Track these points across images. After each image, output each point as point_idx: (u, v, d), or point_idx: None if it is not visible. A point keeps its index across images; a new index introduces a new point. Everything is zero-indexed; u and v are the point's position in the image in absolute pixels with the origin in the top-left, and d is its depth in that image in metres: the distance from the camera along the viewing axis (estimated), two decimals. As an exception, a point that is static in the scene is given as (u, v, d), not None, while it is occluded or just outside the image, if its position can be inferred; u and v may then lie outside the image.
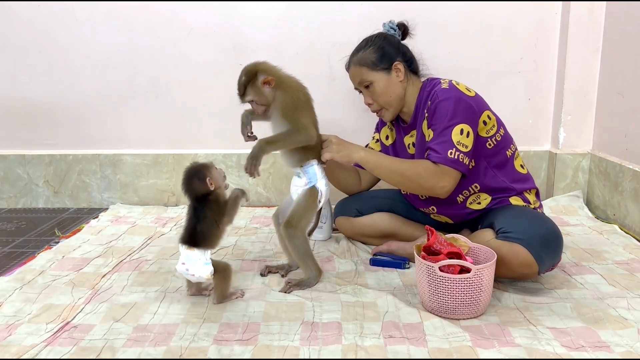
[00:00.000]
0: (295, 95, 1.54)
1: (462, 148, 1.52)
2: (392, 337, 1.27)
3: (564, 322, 1.32)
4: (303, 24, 2.36)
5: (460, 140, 1.52)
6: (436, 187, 1.55)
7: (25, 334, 1.31)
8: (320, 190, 1.59)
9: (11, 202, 2.55)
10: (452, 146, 1.52)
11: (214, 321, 1.36)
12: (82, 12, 2.37)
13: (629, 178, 2.04)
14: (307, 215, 1.59)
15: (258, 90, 1.52)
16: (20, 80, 2.45)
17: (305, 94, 1.59)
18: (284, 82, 1.54)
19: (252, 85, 1.52)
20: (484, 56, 2.38)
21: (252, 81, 1.51)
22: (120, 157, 2.50)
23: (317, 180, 1.59)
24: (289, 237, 1.55)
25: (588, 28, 2.27)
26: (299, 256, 1.57)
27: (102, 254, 1.85)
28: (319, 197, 1.59)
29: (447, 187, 1.55)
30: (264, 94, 1.52)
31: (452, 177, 1.54)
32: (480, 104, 1.61)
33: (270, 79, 1.51)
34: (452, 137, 1.52)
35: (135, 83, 2.44)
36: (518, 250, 1.42)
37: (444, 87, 1.59)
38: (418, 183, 1.58)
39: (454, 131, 1.52)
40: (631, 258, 1.75)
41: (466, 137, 1.53)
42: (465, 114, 1.54)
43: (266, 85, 1.52)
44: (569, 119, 2.36)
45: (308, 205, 1.58)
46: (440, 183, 1.54)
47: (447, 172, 1.53)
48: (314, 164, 1.60)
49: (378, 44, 1.69)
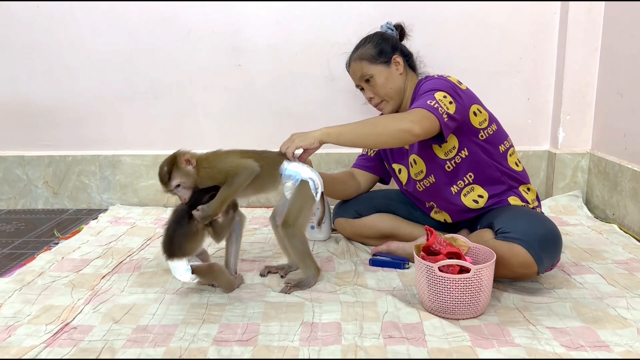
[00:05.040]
0: (212, 158, 1.52)
1: (442, 105, 1.50)
2: (391, 337, 1.27)
3: (563, 322, 1.32)
4: (302, 25, 2.36)
5: (441, 100, 1.51)
6: (405, 120, 1.47)
7: (24, 335, 1.31)
8: (309, 179, 1.53)
9: (10, 203, 2.55)
10: (433, 99, 1.51)
11: (214, 322, 1.36)
12: (81, 13, 2.37)
13: (628, 177, 2.04)
14: (303, 212, 1.55)
15: (182, 172, 1.48)
16: (19, 81, 2.45)
17: (217, 151, 1.58)
18: (199, 160, 1.51)
19: (176, 168, 1.47)
20: (483, 56, 2.38)
21: (174, 164, 1.48)
22: (119, 158, 2.50)
23: (301, 174, 1.54)
24: (287, 237, 1.54)
25: (587, 28, 2.27)
26: (298, 255, 1.56)
27: (102, 255, 1.85)
28: (313, 188, 1.53)
29: (415, 123, 1.46)
30: (189, 173, 1.48)
31: (425, 117, 1.47)
32: (470, 97, 1.63)
33: (190, 157, 1.48)
34: (434, 95, 1.53)
35: (134, 84, 2.44)
36: (517, 250, 1.42)
37: (434, 76, 1.65)
38: (383, 123, 1.52)
39: (436, 94, 1.53)
40: (630, 257, 1.75)
41: (449, 103, 1.52)
42: (449, 90, 1.55)
43: (188, 165, 1.48)
44: (568, 118, 2.36)
45: (303, 201, 1.54)
46: (410, 117, 1.47)
47: (421, 111, 1.48)
48: (286, 166, 1.56)
49: (376, 39, 1.75)
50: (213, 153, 1.57)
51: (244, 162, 1.51)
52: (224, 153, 1.57)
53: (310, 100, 2.43)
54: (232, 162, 1.51)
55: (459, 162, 1.63)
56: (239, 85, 2.43)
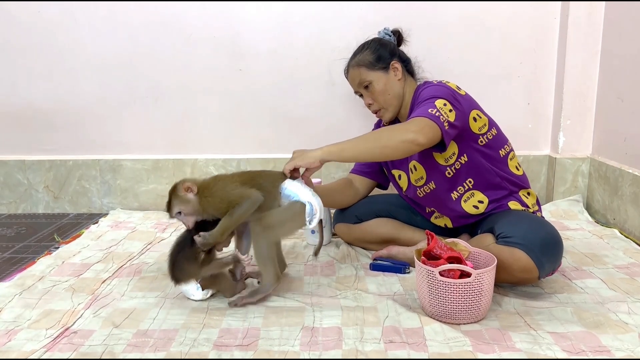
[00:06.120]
0: (212, 190, 1.47)
1: (443, 114, 1.49)
2: (392, 342, 1.26)
3: (564, 327, 1.31)
4: (302, 29, 2.37)
5: (442, 108, 1.51)
6: (408, 130, 1.45)
7: (24, 339, 1.30)
8: (307, 202, 1.48)
9: (11, 208, 2.55)
10: (434, 107, 1.50)
11: (214, 326, 1.36)
12: (81, 16, 2.37)
13: (629, 182, 2.04)
14: (285, 226, 1.50)
15: (182, 199, 1.46)
16: (20, 85, 2.45)
17: (219, 177, 1.54)
18: (201, 188, 1.48)
19: (175, 196, 1.47)
20: (483, 61, 2.38)
21: (174, 192, 1.47)
22: (120, 163, 2.50)
23: (300, 196, 1.49)
24: (254, 234, 1.46)
25: (587, 32, 2.28)
26: (260, 258, 1.47)
27: (102, 260, 1.85)
28: (309, 213, 1.47)
29: (417, 133, 1.44)
30: (189, 200, 1.46)
31: (427, 125, 1.46)
32: (470, 102, 1.62)
33: (190, 184, 1.46)
34: (434, 103, 1.52)
35: (135, 88, 2.45)
36: (518, 255, 1.41)
37: (432, 82, 1.64)
38: (385, 135, 1.49)
39: (436, 101, 1.52)
40: (631, 262, 1.75)
41: (449, 111, 1.52)
42: (448, 97, 1.55)
43: (189, 192, 1.46)
44: (568, 123, 2.37)
45: (290, 217, 1.49)
46: (412, 127, 1.45)
47: (423, 120, 1.47)
48: (286, 185, 1.51)
49: (374, 46, 1.75)
50: (214, 179, 1.52)
51: (247, 193, 1.47)
52: (224, 180, 1.52)
53: (310, 104, 2.43)
54: (235, 192, 1.47)
55: (459, 168, 1.63)
56: (240, 90, 2.43)
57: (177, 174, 2.48)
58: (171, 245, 1.51)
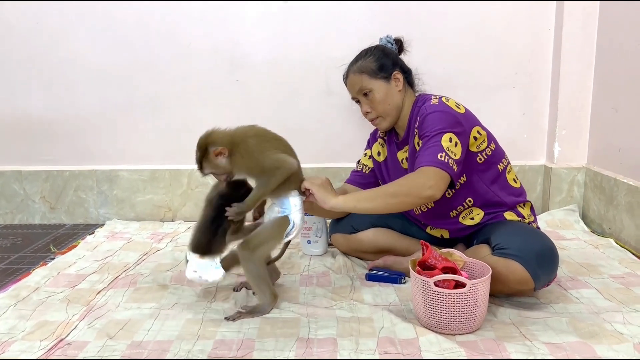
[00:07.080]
0: (250, 149, 1.46)
1: (451, 155, 1.50)
2: (387, 353, 1.26)
3: (559, 337, 1.31)
4: (300, 40, 2.38)
5: (449, 147, 1.51)
6: (424, 187, 1.46)
7: (18, 351, 1.30)
8: (293, 222, 1.52)
9: (7, 218, 2.54)
10: (442, 150, 1.50)
11: (209, 338, 1.35)
12: (80, 27, 2.39)
13: (624, 192, 2.05)
14: (269, 244, 1.51)
15: (213, 163, 1.46)
16: (17, 95, 2.46)
17: (258, 134, 1.53)
18: (235, 144, 1.46)
19: (206, 160, 1.47)
20: (478, 71, 2.40)
21: (205, 156, 1.47)
22: (117, 173, 2.50)
23: (291, 212, 1.52)
24: (242, 259, 1.46)
25: (582, 43, 2.29)
26: (253, 280, 1.48)
27: (98, 270, 1.84)
28: (288, 229, 1.51)
29: (434, 188, 1.46)
30: (220, 165, 1.46)
31: (441, 178, 1.48)
32: (470, 120, 1.61)
33: (221, 149, 1.44)
34: (441, 142, 1.51)
35: (132, 98, 2.45)
36: (514, 267, 1.42)
37: (433, 103, 1.60)
38: (403, 192, 1.50)
39: (443, 138, 1.52)
40: (627, 272, 1.75)
41: (454, 146, 1.52)
42: (453, 126, 1.54)
43: (220, 156, 1.46)
44: (563, 133, 2.38)
45: (274, 234, 1.51)
46: (429, 182, 1.46)
47: (436, 172, 1.48)
48: (291, 195, 1.53)
49: (378, 54, 1.72)
50: (251, 131, 1.52)
51: (283, 158, 1.48)
52: (262, 144, 1.49)
53: (307, 114, 2.44)
54: (272, 157, 1.47)
55: (458, 189, 1.63)
56: (237, 100, 2.44)
57: (173, 184, 2.48)
58: (200, 220, 1.49)
